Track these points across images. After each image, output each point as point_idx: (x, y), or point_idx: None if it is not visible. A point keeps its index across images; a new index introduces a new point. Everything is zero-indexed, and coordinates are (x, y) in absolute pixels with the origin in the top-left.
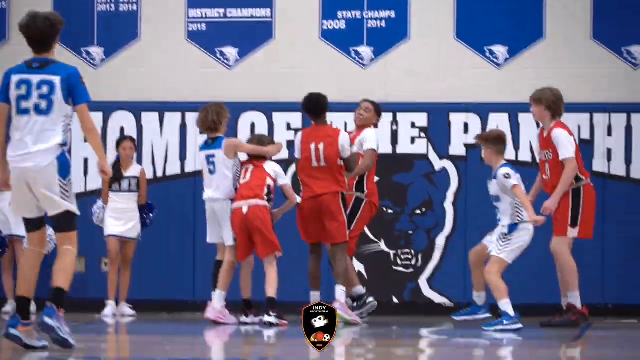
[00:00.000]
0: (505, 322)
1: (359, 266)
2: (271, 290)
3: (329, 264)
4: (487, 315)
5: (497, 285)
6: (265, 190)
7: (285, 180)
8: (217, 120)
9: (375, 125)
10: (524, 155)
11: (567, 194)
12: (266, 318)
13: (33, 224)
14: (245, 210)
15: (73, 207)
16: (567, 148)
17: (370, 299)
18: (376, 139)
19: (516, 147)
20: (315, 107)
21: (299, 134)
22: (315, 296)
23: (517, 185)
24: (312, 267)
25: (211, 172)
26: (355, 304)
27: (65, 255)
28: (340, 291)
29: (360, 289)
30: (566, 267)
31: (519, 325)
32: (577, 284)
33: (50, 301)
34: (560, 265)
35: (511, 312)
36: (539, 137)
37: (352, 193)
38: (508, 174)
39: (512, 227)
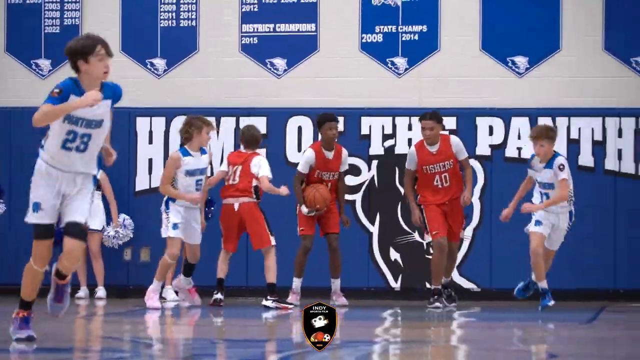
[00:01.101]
0: (548, 297)
1: (394, 255)
2: (270, 276)
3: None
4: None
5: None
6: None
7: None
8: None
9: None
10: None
11: None
12: (264, 302)
13: None
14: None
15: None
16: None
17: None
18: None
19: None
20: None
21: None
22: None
23: (565, 179)
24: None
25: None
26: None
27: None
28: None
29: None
30: None
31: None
32: None
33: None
34: None
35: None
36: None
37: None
38: (562, 165)
39: (571, 214)
